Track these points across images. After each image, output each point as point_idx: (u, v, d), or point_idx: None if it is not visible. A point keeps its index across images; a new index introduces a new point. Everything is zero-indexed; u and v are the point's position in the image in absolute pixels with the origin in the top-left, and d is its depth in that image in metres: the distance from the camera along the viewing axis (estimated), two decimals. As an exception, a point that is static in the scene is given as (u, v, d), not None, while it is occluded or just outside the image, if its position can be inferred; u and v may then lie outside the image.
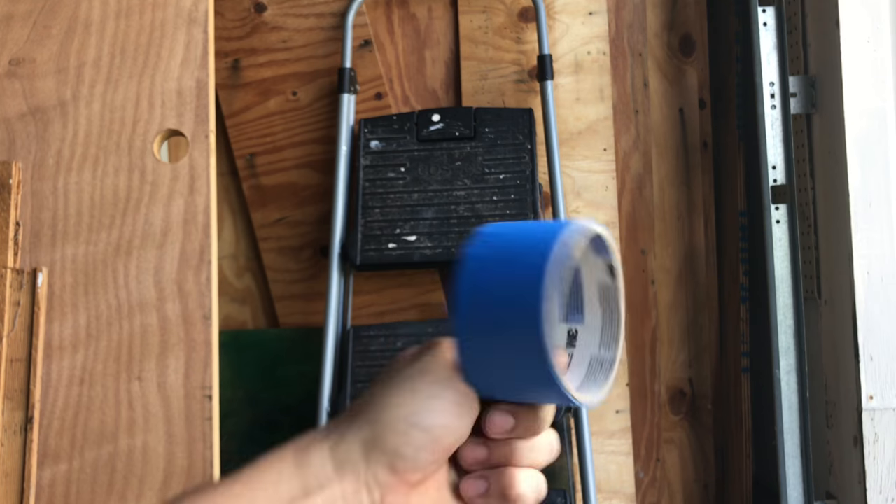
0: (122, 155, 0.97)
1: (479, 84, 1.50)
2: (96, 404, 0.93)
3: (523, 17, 1.50)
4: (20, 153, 0.97)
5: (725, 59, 1.54)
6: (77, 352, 0.93)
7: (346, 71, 1.43)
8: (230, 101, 1.53)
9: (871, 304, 1.20)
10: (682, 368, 1.54)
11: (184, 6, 1.00)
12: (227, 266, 1.56)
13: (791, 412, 1.25)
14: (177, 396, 0.93)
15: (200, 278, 0.94)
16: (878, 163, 1.21)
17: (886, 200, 1.21)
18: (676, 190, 1.55)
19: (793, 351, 1.26)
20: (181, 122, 0.98)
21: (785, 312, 1.26)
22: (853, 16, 1.23)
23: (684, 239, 1.55)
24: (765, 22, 1.31)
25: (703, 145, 1.56)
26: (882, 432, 1.18)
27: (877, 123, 1.22)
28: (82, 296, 0.94)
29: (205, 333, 0.93)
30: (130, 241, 0.95)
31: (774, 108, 1.29)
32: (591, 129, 1.49)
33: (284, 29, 1.52)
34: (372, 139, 1.39)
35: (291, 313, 1.52)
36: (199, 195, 0.96)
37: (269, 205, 1.53)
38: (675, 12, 1.57)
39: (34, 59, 0.99)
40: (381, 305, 1.48)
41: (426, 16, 1.54)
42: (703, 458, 1.54)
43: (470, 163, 1.36)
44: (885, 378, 1.19)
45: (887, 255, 1.20)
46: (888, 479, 1.17)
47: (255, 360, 1.50)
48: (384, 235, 1.33)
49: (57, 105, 0.98)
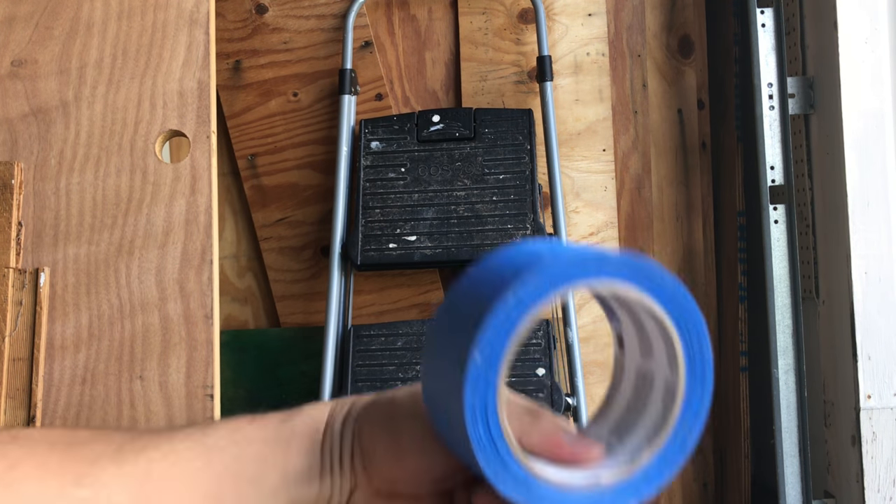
0: (123, 155, 0.98)
1: (478, 85, 1.51)
2: (98, 403, 0.93)
3: (523, 18, 1.51)
4: (22, 154, 0.98)
5: (724, 60, 1.55)
6: (79, 351, 0.94)
7: (346, 72, 1.43)
8: (231, 102, 1.53)
9: (869, 304, 1.20)
10: (681, 368, 1.55)
11: (185, 7, 1.01)
12: (228, 266, 1.57)
13: (789, 411, 1.25)
14: (178, 396, 0.93)
15: (202, 278, 0.95)
16: (876, 163, 1.22)
17: (884, 201, 1.21)
18: (675, 190, 1.56)
19: (791, 350, 1.26)
20: (183, 122, 0.98)
21: (783, 312, 1.26)
22: (851, 17, 1.23)
23: (683, 239, 1.56)
24: (763, 23, 1.31)
25: (702, 146, 1.56)
26: (880, 431, 1.18)
27: (874, 124, 1.22)
28: (84, 295, 0.95)
29: (206, 333, 0.94)
30: (132, 241, 0.96)
31: (773, 108, 1.30)
32: (591, 130, 1.50)
33: (285, 30, 1.53)
34: (372, 140, 1.40)
35: (292, 313, 1.53)
36: (200, 195, 0.96)
37: (271, 205, 1.53)
38: (674, 14, 1.57)
39: (36, 60, 1.00)
40: (381, 305, 1.48)
41: (426, 17, 1.55)
42: (702, 458, 1.55)
43: (470, 163, 1.37)
44: (882, 377, 1.19)
45: (885, 255, 1.21)
46: (886, 477, 1.18)
47: (256, 360, 1.51)
48: (384, 235, 1.34)
49: (59, 106, 0.99)
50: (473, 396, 0.32)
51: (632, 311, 0.37)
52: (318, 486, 0.39)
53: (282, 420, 0.40)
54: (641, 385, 0.38)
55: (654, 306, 0.34)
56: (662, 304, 0.35)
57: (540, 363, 1.28)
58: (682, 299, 0.35)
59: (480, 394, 0.32)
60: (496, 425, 0.33)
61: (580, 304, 1.45)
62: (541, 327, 1.31)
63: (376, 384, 1.28)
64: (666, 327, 0.35)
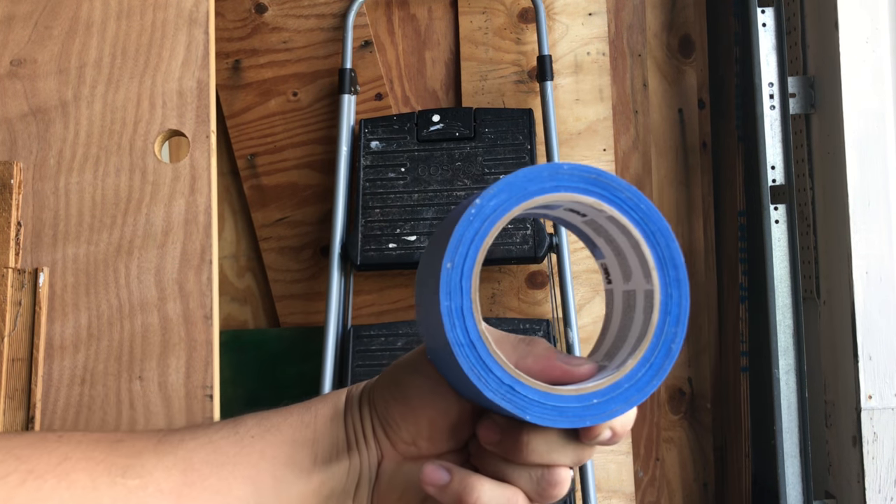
0: (123, 155, 0.97)
1: (478, 84, 1.50)
2: (97, 404, 0.93)
3: (523, 17, 1.51)
4: (21, 153, 0.98)
5: (725, 59, 1.54)
6: (78, 351, 0.94)
7: (346, 71, 1.43)
8: (231, 102, 1.53)
9: (870, 304, 1.20)
10: (682, 368, 1.55)
11: (185, 7, 1.00)
12: (227, 266, 1.57)
13: (790, 411, 1.25)
14: (178, 396, 0.93)
15: (201, 278, 0.95)
16: (877, 163, 1.22)
17: (885, 200, 1.21)
18: (676, 190, 1.55)
19: (792, 350, 1.26)
20: (182, 122, 0.98)
21: (784, 312, 1.26)
22: (852, 17, 1.23)
23: (683, 239, 1.56)
24: (764, 23, 1.31)
25: (703, 146, 1.56)
26: (881, 432, 1.18)
27: (875, 124, 1.22)
28: (83, 296, 0.95)
29: (206, 333, 0.94)
30: (132, 241, 0.96)
31: (773, 108, 1.30)
32: (591, 130, 1.50)
33: (285, 30, 1.52)
34: (372, 139, 1.40)
35: (292, 313, 1.52)
36: (199, 195, 0.96)
37: (270, 205, 1.53)
38: (675, 13, 1.57)
39: (35, 59, 1.00)
40: (381, 305, 1.48)
41: (426, 17, 1.54)
42: (702, 458, 1.54)
43: (470, 163, 1.36)
44: (883, 377, 1.19)
45: (886, 255, 1.21)
46: (887, 478, 1.18)
47: (255, 360, 1.50)
48: (384, 235, 1.34)
49: (58, 105, 0.99)
50: (449, 301, 0.34)
51: (606, 234, 0.38)
52: (347, 462, 0.41)
53: (304, 408, 0.43)
54: (627, 307, 0.39)
55: (614, 212, 0.36)
56: (623, 210, 0.36)
57: (540, 363, 1.27)
58: (642, 205, 0.36)
59: (455, 300, 0.34)
60: (474, 329, 0.34)
61: (581, 304, 1.45)
62: (541, 327, 1.30)
63: (376, 384, 1.28)
64: (630, 232, 0.36)
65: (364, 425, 0.42)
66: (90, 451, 0.39)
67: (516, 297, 1.47)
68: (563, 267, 1.33)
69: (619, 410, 0.35)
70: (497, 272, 1.48)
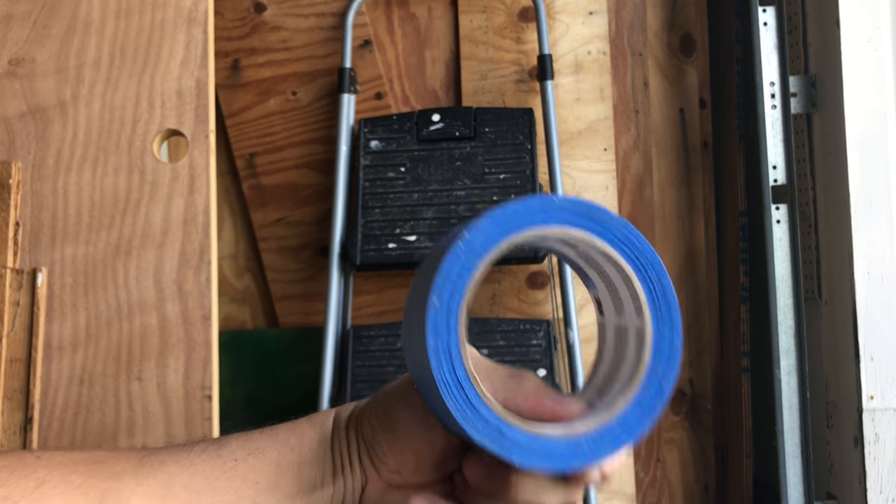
0: (121, 155, 0.97)
1: (479, 84, 1.50)
2: (96, 404, 0.93)
3: (523, 16, 1.50)
4: (20, 153, 0.97)
5: (726, 58, 1.54)
6: (77, 352, 0.93)
7: (346, 71, 1.42)
8: (230, 101, 1.53)
9: (872, 305, 1.20)
10: (683, 368, 1.55)
11: (183, 6, 1.00)
12: (226, 266, 1.56)
13: (791, 412, 1.25)
14: (176, 396, 0.93)
15: (200, 278, 0.94)
16: (879, 163, 1.21)
17: (887, 200, 1.21)
18: (676, 190, 1.55)
19: (793, 351, 1.25)
20: (181, 122, 0.98)
21: (785, 312, 1.26)
22: (853, 15, 1.23)
23: (684, 239, 1.55)
24: (765, 22, 1.31)
25: (704, 145, 1.56)
26: (882, 432, 1.18)
27: (877, 123, 1.22)
28: (82, 296, 0.94)
29: (204, 333, 0.93)
30: (130, 241, 0.95)
31: (775, 107, 1.29)
32: (592, 129, 1.49)
33: (284, 29, 1.52)
34: (372, 139, 1.39)
35: (291, 313, 1.52)
36: (198, 195, 0.96)
37: (269, 205, 1.53)
38: (676, 12, 1.57)
39: (34, 58, 0.99)
40: (381, 305, 1.48)
41: (426, 16, 1.54)
42: (703, 458, 1.54)
43: (470, 163, 1.36)
44: (885, 378, 1.19)
45: (887, 255, 1.20)
46: (889, 479, 1.17)
47: (254, 360, 1.50)
48: (384, 235, 1.33)
49: (57, 105, 0.98)
50: (436, 340, 0.33)
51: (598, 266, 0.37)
52: (331, 487, 0.41)
53: (290, 430, 0.42)
54: (619, 342, 0.38)
55: (606, 246, 0.35)
56: (615, 245, 0.35)
57: (541, 364, 1.27)
58: (635, 240, 0.35)
59: (443, 338, 0.33)
60: (461, 368, 0.34)
61: (581, 304, 1.45)
62: (542, 328, 1.30)
63: (376, 385, 1.27)
64: (622, 267, 0.35)
65: (350, 451, 0.41)
66: (68, 473, 0.38)
67: (516, 298, 1.47)
68: (563, 267, 1.33)
69: (608, 452, 0.35)
70: (497, 272, 1.47)
